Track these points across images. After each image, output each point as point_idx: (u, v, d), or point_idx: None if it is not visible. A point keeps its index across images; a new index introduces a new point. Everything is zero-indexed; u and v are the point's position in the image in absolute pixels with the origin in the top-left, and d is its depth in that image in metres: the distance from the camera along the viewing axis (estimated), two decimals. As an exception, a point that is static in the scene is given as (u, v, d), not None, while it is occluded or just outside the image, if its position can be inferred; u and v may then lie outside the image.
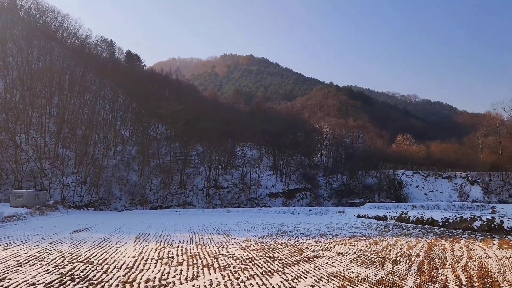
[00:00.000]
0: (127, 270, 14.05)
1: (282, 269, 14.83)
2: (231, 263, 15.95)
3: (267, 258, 17.34)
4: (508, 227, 30.91)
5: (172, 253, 18.39)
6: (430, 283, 12.66)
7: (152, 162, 69.49)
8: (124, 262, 15.66)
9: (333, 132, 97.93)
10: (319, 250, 20.05)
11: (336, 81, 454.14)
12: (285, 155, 78.84)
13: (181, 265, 15.43)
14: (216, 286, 12.07)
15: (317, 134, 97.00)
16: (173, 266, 15.09)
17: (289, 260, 16.88)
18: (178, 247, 20.58)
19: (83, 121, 70.00)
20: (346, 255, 18.52)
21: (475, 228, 32.87)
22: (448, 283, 12.71)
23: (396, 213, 45.33)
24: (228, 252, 19.18)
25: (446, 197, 78.95)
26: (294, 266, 15.49)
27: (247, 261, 16.64)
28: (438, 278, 13.39)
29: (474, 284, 12.60)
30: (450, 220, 36.61)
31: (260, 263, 16.20)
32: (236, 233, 27.99)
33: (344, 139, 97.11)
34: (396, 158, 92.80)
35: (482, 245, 22.71)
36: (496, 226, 31.72)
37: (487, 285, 12.38)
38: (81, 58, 77.64)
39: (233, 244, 22.25)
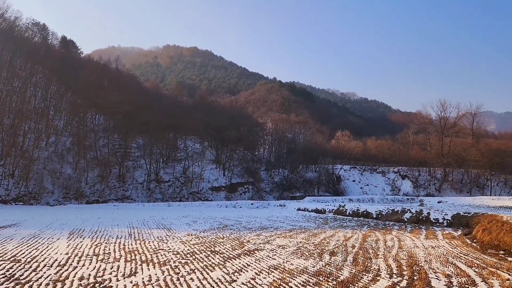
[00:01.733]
0: (59, 268, 13.29)
1: (223, 263, 14.82)
2: (171, 258, 15.67)
3: (208, 252, 17.25)
4: (434, 219, 33.25)
5: (109, 249, 17.70)
6: (364, 273, 13.25)
7: (88, 154, 66.25)
8: (56, 260, 14.81)
9: (275, 127, 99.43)
10: (260, 243, 20.27)
11: (279, 76, 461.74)
12: (228, 149, 78.80)
13: (119, 261, 14.90)
14: (155, 282, 11.78)
15: (260, 128, 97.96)
16: (109, 263, 14.52)
17: (230, 254, 16.89)
18: (115, 242, 19.85)
19: (12, 109, 65.03)
20: (286, 248, 18.89)
21: (405, 220, 34.99)
22: (381, 272, 13.39)
23: (334, 206, 46.98)
24: (168, 247, 18.83)
25: (380, 190, 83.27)
26: (235, 260, 15.53)
27: (188, 255, 16.44)
28: (371, 268, 14.06)
29: (404, 272, 13.38)
30: (383, 213, 38.64)
31: (201, 257, 16.07)
32: (177, 228, 27.54)
33: (286, 134, 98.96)
34: (335, 153, 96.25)
35: (411, 236, 24.21)
36: (424, 218, 34.00)
37: (415, 273, 13.19)
38: (10, 41, 71.79)
39: (173, 238, 21.88)
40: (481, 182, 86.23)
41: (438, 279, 12.41)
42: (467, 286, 11.62)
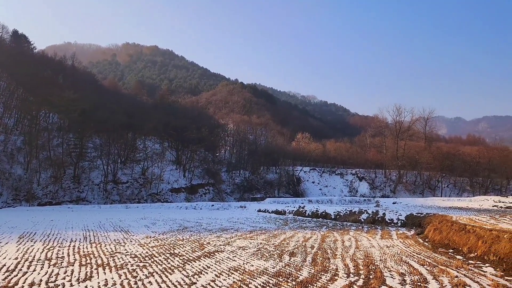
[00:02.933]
0: (7, 274, 12.63)
1: (182, 265, 14.64)
2: (129, 261, 15.29)
3: (168, 255, 16.98)
4: (389, 219, 34.44)
5: (63, 253, 17.02)
6: (323, 273, 13.51)
7: (41, 154, 63.29)
8: (4, 265, 14.07)
9: (237, 128, 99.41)
10: (221, 245, 20.21)
11: (241, 78, 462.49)
12: (189, 150, 77.86)
13: (73, 265, 14.36)
14: (112, 286, 11.46)
15: (221, 129, 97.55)
16: (63, 267, 13.97)
17: (190, 256, 16.72)
18: (69, 246, 19.11)
19: (-44, 105, 61.12)
20: (247, 249, 18.93)
21: (362, 220, 36.01)
22: (338, 271, 13.71)
23: (294, 207, 47.57)
24: (125, 249, 18.36)
25: (338, 192, 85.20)
26: (195, 262, 15.39)
27: (146, 258, 16.11)
28: (329, 268, 14.36)
29: (360, 271, 13.76)
30: (341, 214, 39.56)
31: (160, 260, 15.80)
32: (135, 230, 26.91)
33: (248, 136, 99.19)
34: (295, 155, 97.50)
35: (367, 236, 24.95)
36: (379, 218, 35.14)
37: (371, 272, 13.60)
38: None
39: (131, 241, 21.37)
40: (432, 183, 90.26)
41: (392, 277, 12.86)
42: (419, 283, 12.11)
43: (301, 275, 13.17)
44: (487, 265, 15.39)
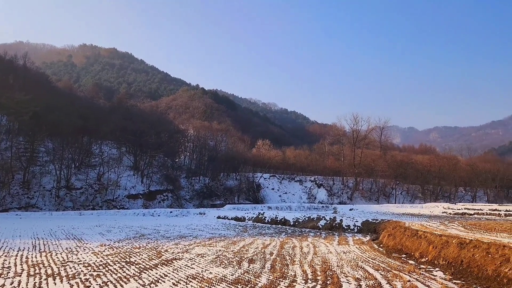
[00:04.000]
0: None
1: (139, 274, 14.24)
2: (82, 271, 14.68)
3: (123, 263, 16.47)
4: (346, 225, 35.24)
5: (9, 263, 16.08)
6: (281, 279, 13.58)
7: (-12, 158, 59.77)
8: None
9: (197, 134, 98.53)
10: (179, 253, 19.86)
11: (202, 84, 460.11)
12: (147, 155, 76.18)
13: (20, 276, 13.59)
14: (63, 297, 10.94)
15: (181, 135, 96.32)
16: (9, 278, 13.19)
17: (147, 264, 16.31)
18: (17, 255, 18.09)
19: None
20: (206, 256, 18.72)
21: (320, 226, 36.62)
22: (297, 278, 13.83)
23: (254, 214, 47.67)
24: (78, 258, 17.62)
25: (297, 198, 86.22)
26: (152, 270, 15.03)
27: (101, 267, 15.53)
28: (288, 274, 14.46)
29: (318, 277, 13.95)
30: (300, 220, 40.06)
31: (115, 268, 15.28)
32: (89, 238, 25.91)
33: (208, 142, 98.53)
34: (255, 161, 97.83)
35: (325, 242, 25.38)
36: (337, 225, 35.89)
37: (328, 278, 13.82)
38: None
39: (84, 249, 20.55)
40: (387, 191, 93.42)
41: (348, 282, 13.13)
42: (374, 288, 12.45)
43: (259, 282, 13.16)
44: (437, 269, 16.07)
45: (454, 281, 13.73)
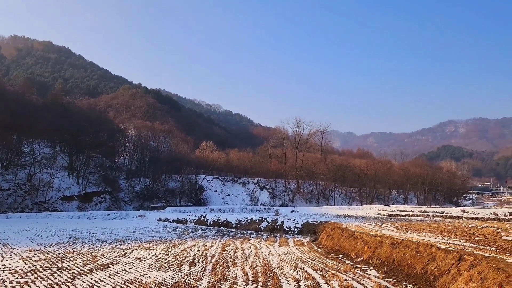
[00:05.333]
0: None
1: (72, 280, 13.52)
2: (7, 278, 13.67)
3: (55, 269, 15.55)
4: (287, 227, 35.89)
5: None
6: (222, 282, 13.52)
7: None
8: None
9: (139, 134, 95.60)
10: (116, 257, 19.14)
11: (145, 82, 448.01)
12: (84, 155, 72.59)
13: None
14: (-16, 307, 10.10)
15: (121, 135, 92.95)
16: None
17: (81, 270, 15.52)
18: None
19: None
20: (145, 260, 18.21)
21: (262, 228, 36.99)
22: (238, 280, 13.84)
23: (196, 216, 47.19)
24: (4, 265, 16.39)
25: (240, 201, 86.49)
26: (87, 276, 14.33)
27: (29, 274, 14.55)
28: (229, 276, 14.43)
29: (259, 279, 14.07)
30: (242, 222, 40.22)
31: (45, 275, 14.39)
32: (16, 243, 24.19)
33: (150, 142, 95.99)
34: (199, 163, 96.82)
35: (266, 244, 25.67)
36: (278, 227, 36.44)
37: (269, 279, 13.98)
38: None
39: (11, 255, 19.15)
40: (327, 193, 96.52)
41: (288, 283, 13.37)
42: (312, 288, 12.77)
43: (200, 285, 13.02)
44: (371, 268, 16.85)
45: (386, 279, 14.47)
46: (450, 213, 48.54)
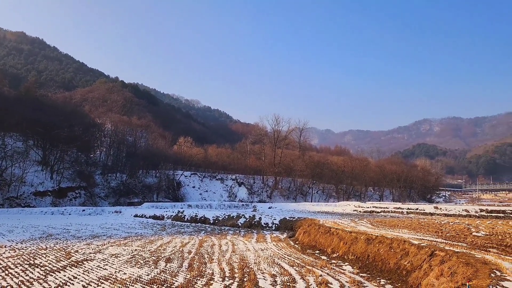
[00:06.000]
0: None
1: (44, 277, 13.24)
2: (-24, 276, 13.26)
3: (26, 266, 15.19)
4: (264, 223, 36.05)
5: None
6: (198, 278, 13.49)
7: None
8: None
9: (115, 129, 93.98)
10: (90, 253, 18.84)
11: (122, 76, 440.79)
12: (58, 150, 70.88)
13: None
14: (-49, 305, 9.78)
15: (97, 129, 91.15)
16: None
17: (53, 266, 15.20)
18: None
19: None
20: (120, 256, 17.98)
21: (240, 224, 37.04)
22: (214, 276, 13.84)
23: (173, 212, 46.89)
24: (-28, 262, 15.89)
25: (218, 197, 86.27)
26: (60, 273, 14.05)
27: (-1, 271, 14.15)
28: (206, 272, 14.41)
29: (235, 275, 14.10)
30: (220, 218, 40.17)
31: (17, 272, 14.04)
32: (-14, 239, 23.48)
33: (127, 137, 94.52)
34: (176, 159, 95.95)
35: (244, 240, 25.72)
36: (256, 223, 36.57)
37: (245, 275, 14.03)
38: None
39: (-20, 252, 18.58)
40: (304, 189, 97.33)
41: (265, 279, 13.45)
42: (288, 283, 12.88)
43: (176, 281, 12.95)
44: (346, 263, 17.12)
45: (361, 274, 14.73)
46: (424, 210, 49.79)
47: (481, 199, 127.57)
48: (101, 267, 15.21)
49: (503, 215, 40.89)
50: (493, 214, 41.69)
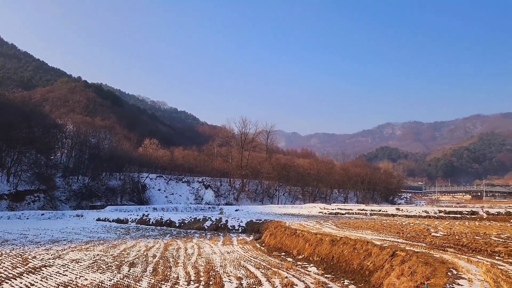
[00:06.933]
0: None
1: (-2, 285, 12.61)
2: None
3: (-21, 274, 14.42)
4: (231, 226, 35.94)
5: None
6: (163, 282, 13.26)
7: None
8: None
9: (77, 130, 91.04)
10: (50, 259, 18.13)
11: (85, 76, 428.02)
12: (16, 151, 67.84)
13: None
14: None
15: (58, 130, 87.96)
16: None
17: (9, 273, 14.52)
18: None
19: None
20: (81, 262, 17.41)
21: (206, 227, 36.75)
22: (179, 280, 13.64)
23: (137, 215, 45.96)
24: None
25: (184, 200, 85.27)
26: (16, 280, 13.44)
27: (-51, 279, 13.37)
28: (170, 276, 14.18)
29: (201, 278, 13.96)
30: (186, 221, 39.72)
31: (-32, 280, 13.30)
32: None
33: (90, 139, 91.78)
34: (142, 161, 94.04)
35: (210, 243, 25.53)
36: (222, 225, 36.40)
37: (211, 278, 13.92)
38: None
39: None
40: (271, 192, 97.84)
41: (230, 282, 13.38)
42: (254, 286, 12.88)
43: (140, 286, 12.68)
44: (311, 265, 17.33)
45: (325, 275, 14.95)
46: (386, 211, 51.21)
47: (440, 201, 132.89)
48: (60, 273, 14.67)
49: (460, 215, 42.68)
50: (450, 215, 43.46)
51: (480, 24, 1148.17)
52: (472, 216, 42.00)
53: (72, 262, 17.37)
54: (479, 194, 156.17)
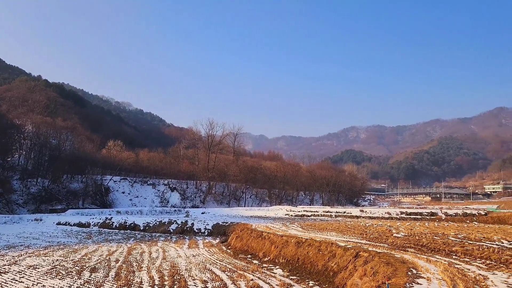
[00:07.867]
0: None
1: None
2: None
3: None
4: (197, 229, 35.62)
5: None
6: (126, 287, 12.94)
7: None
8: None
9: (37, 131, 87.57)
10: (5, 265, 17.34)
11: (45, 75, 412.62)
12: (-31, 153, 64.55)
13: None
14: None
15: (16, 131, 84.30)
16: None
17: (-41, 282, 13.74)
18: None
19: None
20: (39, 268, 16.74)
21: (171, 231, 36.24)
22: (143, 284, 13.37)
23: (100, 219, 44.79)
24: None
25: (150, 202, 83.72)
26: (-34, 288, 12.74)
27: None
28: (134, 281, 13.87)
29: (165, 282, 13.73)
30: (151, 225, 39.02)
31: None
32: None
33: (50, 140, 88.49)
34: (105, 163, 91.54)
35: (175, 246, 25.18)
36: (188, 228, 36.02)
37: (176, 282, 13.72)
38: None
39: None
40: (238, 194, 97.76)
41: (195, 285, 13.24)
42: (220, 289, 12.80)
43: (101, 292, 12.32)
44: (277, 267, 17.42)
45: (291, 277, 15.06)
46: (351, 213, 52.33)
47: (401, 202, 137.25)
48: (16, 280, 14.04)
49: (420, 217, 44.23)
50: (411, 216, 44.96)
51: (436, 31, 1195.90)
52: (432, 217, 43.64)
53: (29, 268, 16.67)
54: (438, 196, 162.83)
